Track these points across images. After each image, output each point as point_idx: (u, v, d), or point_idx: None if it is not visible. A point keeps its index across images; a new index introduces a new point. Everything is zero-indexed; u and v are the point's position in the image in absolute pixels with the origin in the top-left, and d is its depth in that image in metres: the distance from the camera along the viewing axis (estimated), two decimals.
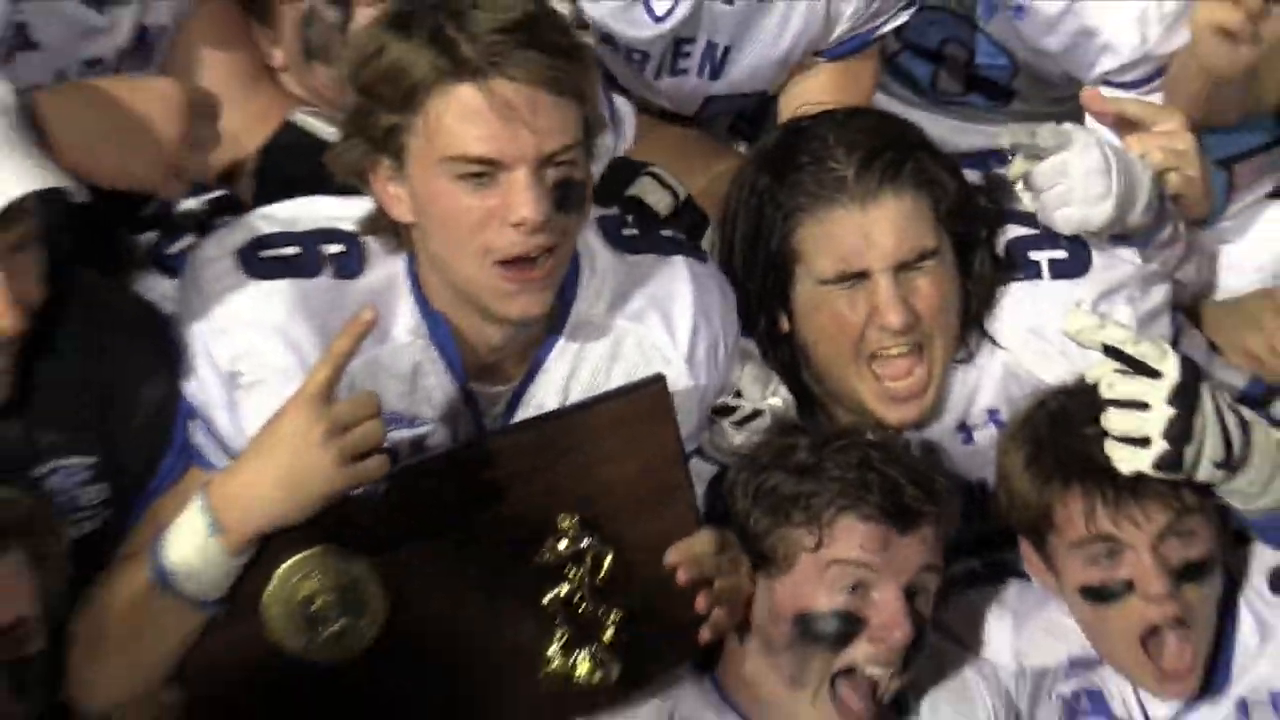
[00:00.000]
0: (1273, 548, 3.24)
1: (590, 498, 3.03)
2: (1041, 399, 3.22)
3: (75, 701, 2.93)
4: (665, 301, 3.26)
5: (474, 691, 3.06)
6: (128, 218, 3.42)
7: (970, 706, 3.26)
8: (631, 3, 3.58)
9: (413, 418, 3.09)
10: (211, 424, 3.05)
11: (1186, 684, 3.18)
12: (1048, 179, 3.40)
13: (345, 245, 3.10)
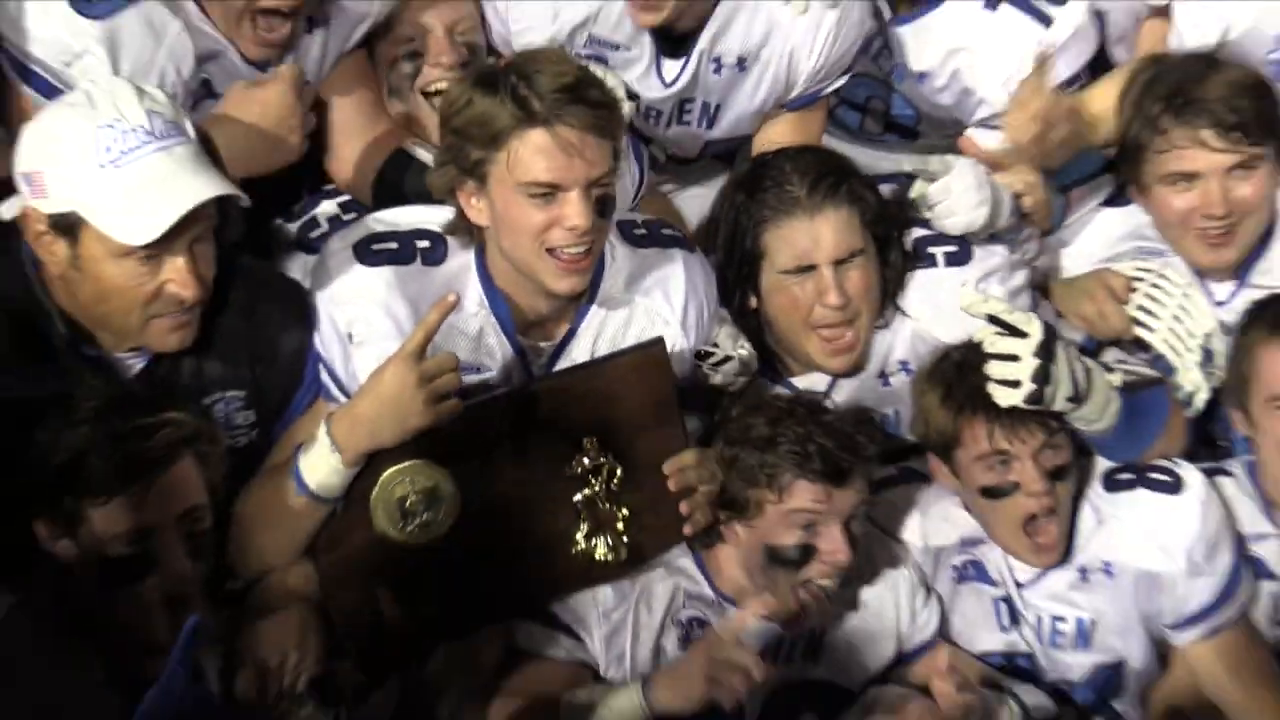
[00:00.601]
0: (1105, 458, 3.27)
1: (607, 426, 3.07)
2: (946, 353, 3.26)
3: (234, 567, 2.96)
4: (665, 281, 3.28)
5: (522, 566, 3.09)
6: (279, 212, 3.44)
7: (893, 572, 3.25)
8: (648, 72, 3.58)
9: (478, 366, 3.10)
10: (332, 370, 3.08)
11: (1053, 555, 3.22)
12: (938, 195, 3.44)
13: (432, 241, 3.12)
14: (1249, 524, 3.34)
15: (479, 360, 3.12)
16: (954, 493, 3.30)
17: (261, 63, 3.34)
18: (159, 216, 2.72)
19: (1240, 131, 3.37)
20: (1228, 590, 3.24)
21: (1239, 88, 3.42)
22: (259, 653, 2.86)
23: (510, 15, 3.59)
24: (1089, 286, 3.59)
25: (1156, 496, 3.25)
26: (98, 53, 3.11)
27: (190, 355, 2.99)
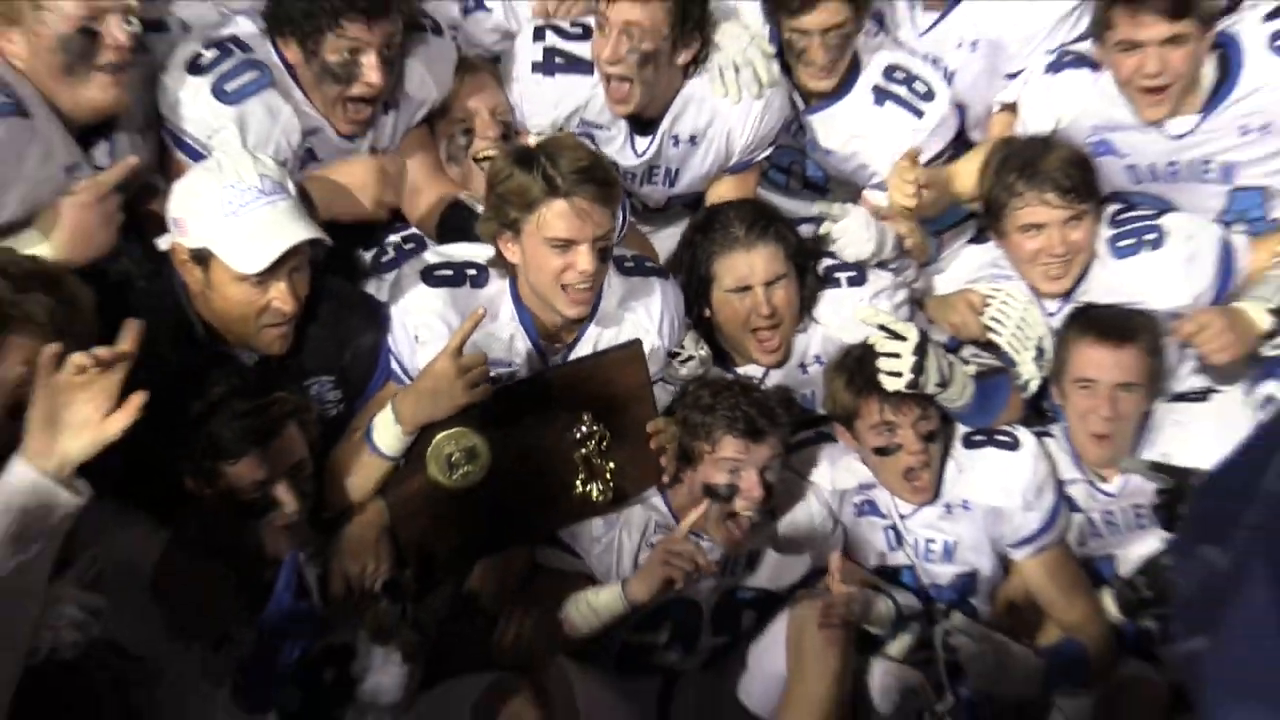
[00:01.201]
0: (964, 425, 3.31)
1: (599, 403, 3.07)
2: (848, 350, 3.28)
3: (327, 504, 2.95)
4: (647, 301, 3.24)
5: (536, 504, 3.13)
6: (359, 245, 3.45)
7: (807, 506, 3.29)
8: (624, 146, 3.55)
9: (510, 363, 3.12)
10: (401, 362, 3.08)
11: (927, 496, 3.26)
12: (839, 234, 3.48)
13: (478, 271, 3.13)
14: (1065, 472, 3.37)
15: (510, 358, 3.12)
16: (854, 451, 3.30)
17: (350, 136, 3.32)
18: (265, 254, 2.78)
19: (1073, 193, 3.35)
20: (1050, 520, 3.28)
21: (1070, 161, 3.39)
22: (346, 564, 2.91)
23: (524, 103, 3.57)
24: (955, 302, 3.57)
25: (1000, 453, 3.28)
26: (231, 129, 3.10)
27: (293, 351, 3.00)
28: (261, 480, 2.67)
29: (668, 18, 3.35)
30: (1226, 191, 3.58)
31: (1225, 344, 3.27)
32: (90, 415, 2.01)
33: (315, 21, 3.08)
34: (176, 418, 2.64)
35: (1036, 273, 3.47)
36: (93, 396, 2.00)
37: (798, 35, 3.56)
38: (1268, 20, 3.45)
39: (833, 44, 3.57)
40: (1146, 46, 3.33)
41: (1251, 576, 0.87)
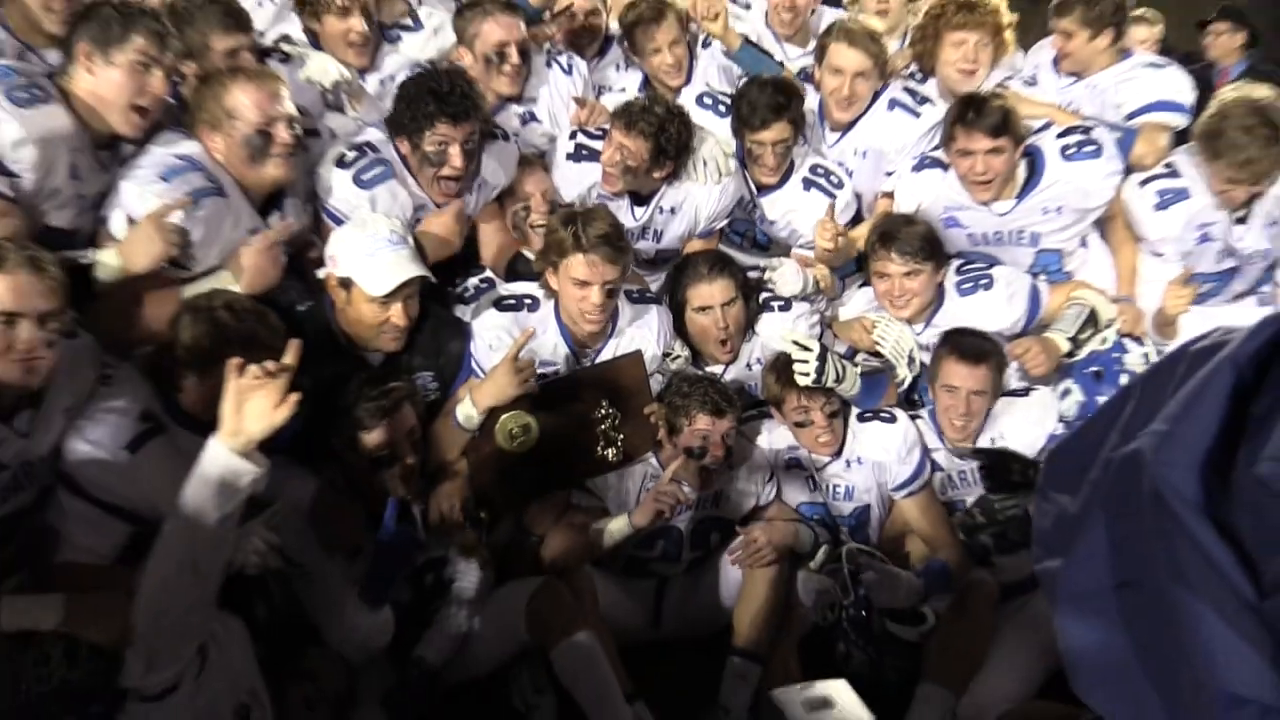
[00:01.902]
0: (856, 406, 3.30)
1: (613, 394, 3.08)
2: (777, 356, 3.25)
3: (428, 461, 2.92)
4: (648, 321, 3.26)
5: (569, 463, 3.11)
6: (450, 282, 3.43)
7: (753, 461, 3.30)
8: (626, 212, 3.51)
9: (554, 364, 3.13)
10: (480, 364, 3.08)
11: (832, 452, 3.26)
12: (778, 278, 3.52)
13: (533, 300, 3.15)
14: (931, 443, 3.36)
15: (555, 360, 3.14)
16: (783, 424, 3.30)
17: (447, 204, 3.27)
18: (388, 282, 2.83)
19: (910, 255, 3.37)
20: (918, 471, 3.28)
21: (917, 234, 3.40)
22: (441, 502, 2.89)
23: (560, 180, 3.54)
24: (853, 325, 3.56)
25: (882, 424, 3.29)
26: (365, 206, 3.10)
27: (405, 353, 3.02)
28: (388, 443, 2.69)
29: (648, 152, 3.38)
30: (1035, 252, 3.62)
31: (1040, 362, 3.35)
32: (266, 407, 2.01)
33: (418, 124, 3.10)
34: (329, 402, 2.68)
35: (886, 304, 3.50)
36: (268, 394, 2.01)
37: (755, 145, 3.61)
38: (1059, 138, 3.54)
39: (779, 153, 3.61)
40: (976, 154, 3.42)
41: (1092, 518, 0.86)
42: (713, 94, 3.85)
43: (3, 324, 2.20)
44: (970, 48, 3.88)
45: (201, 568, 2.06)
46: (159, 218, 2.64)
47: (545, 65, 3.76)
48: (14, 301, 2.20)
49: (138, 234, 2.64)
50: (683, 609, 3.26)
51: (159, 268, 2.67)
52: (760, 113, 3.53)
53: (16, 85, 2.55)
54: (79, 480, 2.41)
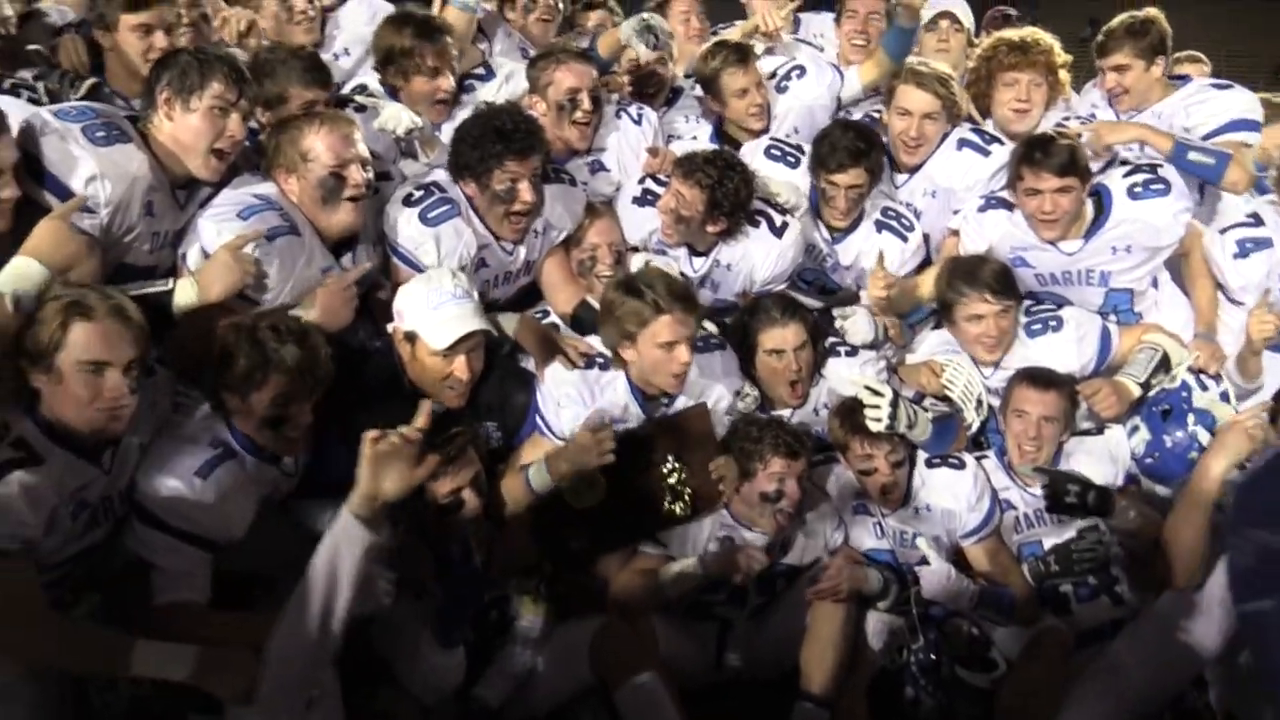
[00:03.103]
0: (926, 452, 3.28)
1: (679, 447, 3.08)
2: (842, 401, 3.28)
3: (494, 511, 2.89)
4: (715, 366, 3.30)
5: (638, 518, 3.10)
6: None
7: (822, 507, 3.25)
8: (686, 263, 3.55)
9: (624, 420, 3.08)
10: (546, 420, 3.07)
11: (897, 503, 3.24)
12: (850, 326, 3.49)
13: (605, 360, 3.14)
14: (998, 483, 3.35)
15: (624, 416, 3.10)
16: (850, 470, 3.28)
17: (512, 248, 3.34)
18: (450, 335, 2.85)
19: (1001, 293, 3.38)
20: (987, 519, 3.27)
21: (998, 271, 3.41)
22: (506, 550, 2.88)
23: (626, 223, 3.56)
24: (921, 369, 3.53)
25: (951, 471, 3.28)
26: (430, 244, 3.14)
27: (468, 406, 3.00)
28: (454, 489, 2.68)
29: (703, 203, 3.39)
30: (1104, 292, 3.59)
31: (1111, 404, 3.33)
32: (404, 470, 2.12)
33: (486, 164, 3.14)
34: None
35: (978, 349, 3.47)
36: (403, 457, 2.12)
37: (829, 186, 3.61)
38: (1125, 176, 3.51)
39: (851, 198, 3.62)
40: (1043, 193, 3.41)
41: None
42: (781, 145, 3.86)
43: (90, 373, 2.24)
44: (1023, 88, 3.92)
45: (332, 627, 2.15)
46: (235, 249, 2.72)
47: (615, 115, 3.80)
48: (102, 351, 2.25)
49: (214, 264, 2.71)
50: (747, 651, 3.23)
51: (233, 299, 2.73)
52: (839, 155, 3.54)
53: (94, 125, 2.65)
54: (153, 510, 2.44)
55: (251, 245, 2.75)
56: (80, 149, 2.59)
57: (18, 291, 2.32)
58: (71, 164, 2.58)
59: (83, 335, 2.23)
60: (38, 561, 2.22)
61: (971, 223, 3.70)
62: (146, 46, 3.10)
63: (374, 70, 3.70)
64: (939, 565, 3.08)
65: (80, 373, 2.23)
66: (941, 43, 4.42)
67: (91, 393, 2.24)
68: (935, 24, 4.43)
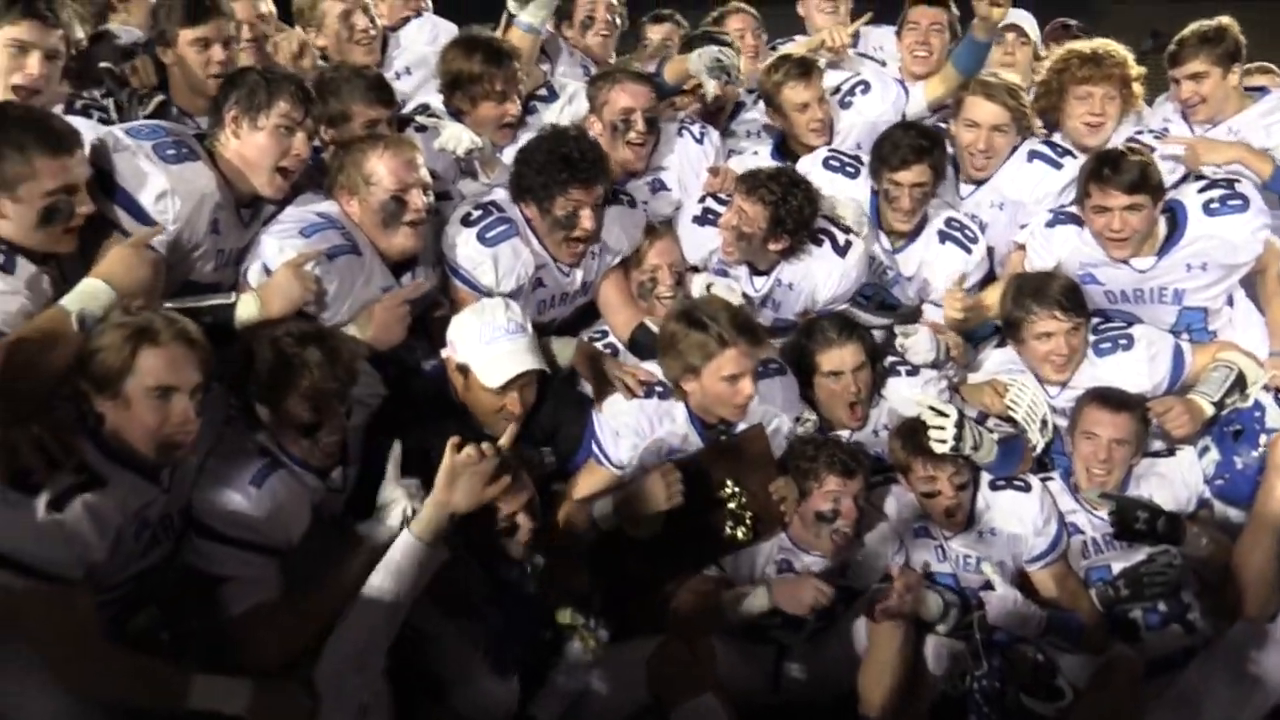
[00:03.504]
0: (990, 474, 3.22)
1: (738, 471, 3.08)
2: (904, 421, 3.24)
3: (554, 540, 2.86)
4: (774, 393, 3.23)
5: (700, 543, 3.10)
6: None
7: (880, 529, 3.22)
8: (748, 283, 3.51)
9: (683, 450, 3.08)
10: (604, 450, 3.06)
11: (960, 527, 3.21)
12: (911, 345, 3.45)
13: (664, 388, 3.12)
14: (1064, 505, 3.29)
15: (684, 447, 3.10)
16: (912, 491, 3.23)
17: (570, 266, 3.32)
18: (504, 374, 2.85)
19: (1072, 310, 3.32)
20: (1054, 543, 3.21)
21: (1067, 287, 3.35)
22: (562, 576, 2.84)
23: (686, 242, 3.56)
24: (984, 388, 3.48)
25: (1017, 494, 3.22)
26: (487, 265, 3.15)
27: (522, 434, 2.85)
28: (509, 513, 2.65)
29: (765, 220, 3.36)
30: (1178, 310, 3.51)
31: (1183, 423, 3.26)
32: (477, 486, 2.22)
33: (549, 190, 3.14)
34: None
35: (1045, 368, 3.41)
36: (481, 473, 2.22)
37: (892, 186, 3.56)
38: (1200, 192, 3.43)
39: (916, 197, 3.57)
40: (1113, 210, 3.34)
41: None
42: (839, 156, 3.82)
43: (158, 399, 2.25)
44: (1097, 101, 3.83)
45: (382, 644, 2.22)
46: (296, 266, 2.75)
47: (676, 134, 3.78)
48: (170, 376, 2.26)
49: (276, 280, 2.74)
50: (804, 674, 3.21)
51: (293, 315, 2.75)
52: (902, 152, 3.51)
53: (165, 142, 2.70)
54: (212, 523, 2.45)
55: (312, 263, 2.78)
56: (151, 166, 2.64)
57: (84, 311, 2.35)
58: (142, 180, 2.63)
59: (151, 361, 2.24)
60: (100, 582, 2.24)
61: (1039, 238, 3.62)
62: (205, 60, 3.14)
63: (439, 93, 3.71)
64: (1005, 591, 3.03)
65: (149, 399, 2.24)
66: (1007, 55, 4.38)
67: (159, 418, 2.25)
68: (1001, 36, 4.36)
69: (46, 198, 2.41)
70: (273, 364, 2.52)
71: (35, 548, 2.10)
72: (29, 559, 2.09)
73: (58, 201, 2.43)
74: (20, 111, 2.49)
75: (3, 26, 2.79)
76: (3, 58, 2.80)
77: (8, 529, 2.09)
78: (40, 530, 2.09)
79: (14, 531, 2.09)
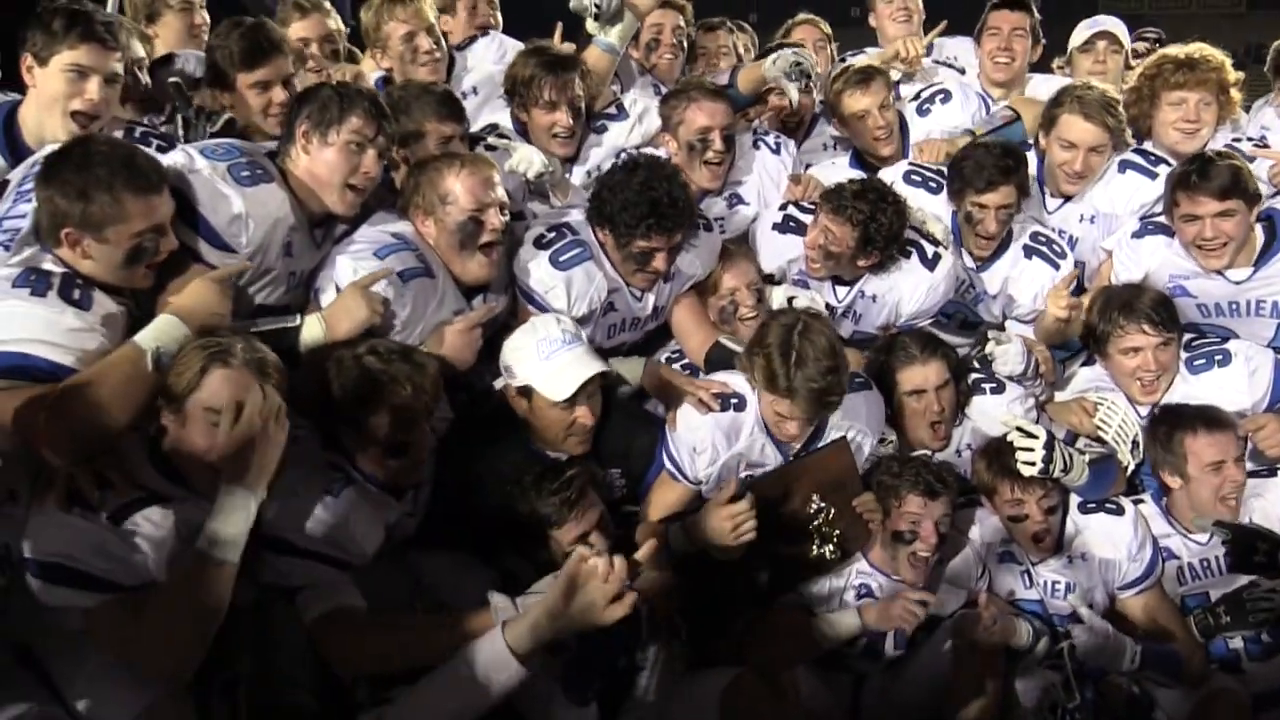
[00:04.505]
0: (1083, 497, 3.16)
1: (823, 488, 3.02)
2: (990, 442, 3.20)
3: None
4: (859, 411, 3.13)
5: (785, 564, 3.04)
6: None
7: (964, 554, 3.15)
8: (830, 293, 3.51)
9: (761, 464, 3.06)
10: (678, 463, 3.02)
11: (1049, 552, 3.13)
12: (1001, 355, 3.39)
13: (739, 399, 3.03)
14: (1158, 529, 3.21)
15: (764, 462, 3.06)
16: (996, 514, 3.18)
17: (644, 291, 3.28)
18: (569, 384, 2.80)
19: (1161, 325, 3.24)
20: (1150, 569, 3.15)
21: (1158, 301, 3.28)
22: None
23: (761, 252, 3.54)
24: (1073, 406, 3.43)
25: (1110, 517, 3.15)
26: (560, 289, 3.10)
27: (591, 455, 2.96)
28: (580, 534, 2.63)
29: (854, 240, 3.32)
30: (1276, 324, 3.41)
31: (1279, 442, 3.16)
32: (596, 600, 2.15)
33: (630, 229, 3.09)
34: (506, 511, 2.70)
35: (1134, 387, 3.33)
36: (603, 590, 2.15)
37: (976, 209, 3.50)
38: None
39: (1001, 219, 3.52)
40: (1203, 219, 3.26)
41: None
42: (921, 170, 3.76)
43: (214, 420, 2.23)
44: (1191, 107, 3.75)
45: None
46: (365, 286, 2.72)
47: (752, 146, 3.74)
48: (229, 400, 2.24)
49: (343, 301, 2.71)
50: (883, 704, 3.14)
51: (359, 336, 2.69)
52: (988, 173, 3.44)
53: (240, 164, 2.67)
54: (288, 537, 2.41)
55: (383, 284, 2.75)
56: (227, 188, 2.61)
57: (160, 350, 2.32)
58: (217, 203, 2.59)
59: (216, 383, 2.25)
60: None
61: (1126, 249, 3.56)
62: (266, 102, 3.14)
63: (505, 106, 3.71)
64: (1096, 623, 2.96)
65: (205, 418, 2.24)
66: (1098, 64, 4.28)
67: (208, 443, 2.24)
68: (1092, 44, 4.30)
69: (135, 239, 2.39)
70: (358, 381, 2.50)
71: (92, 558, 2.12)
72: (85, 567, 2.12)
73: (144, 241, 2.41)
74: (106, 148, 2.42)
75: (61, 51, 2.74)
76: (61, 82, 2.75)
77: (69, 543, 2.13)
78: (99, 541, 2.13)
79: (77, 544, 2.13)
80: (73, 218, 2.34)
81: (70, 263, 2.38)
